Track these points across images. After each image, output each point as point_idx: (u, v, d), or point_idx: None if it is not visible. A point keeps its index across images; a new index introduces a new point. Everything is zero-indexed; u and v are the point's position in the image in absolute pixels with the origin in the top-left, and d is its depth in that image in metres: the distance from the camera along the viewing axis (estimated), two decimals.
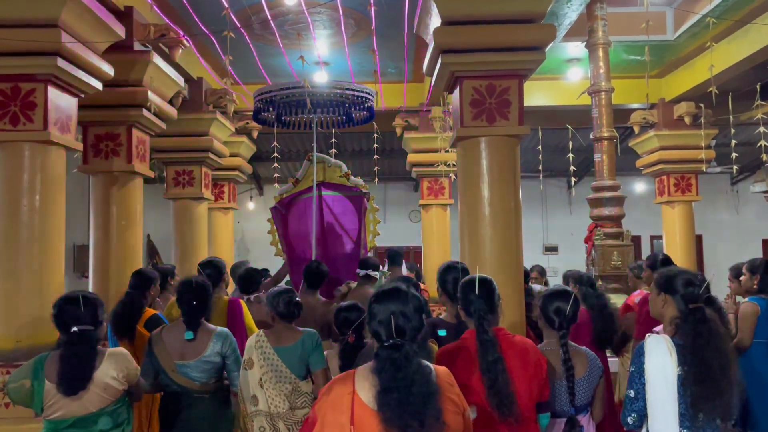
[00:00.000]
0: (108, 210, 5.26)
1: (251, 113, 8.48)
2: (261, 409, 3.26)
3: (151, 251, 12.97)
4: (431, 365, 1.97)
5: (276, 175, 8.17)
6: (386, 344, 1.90)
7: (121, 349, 2.88)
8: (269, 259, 6.94)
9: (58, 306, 2.76)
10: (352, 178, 5.79)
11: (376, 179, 8.55)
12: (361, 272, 5.00)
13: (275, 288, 3.50)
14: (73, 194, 5.94)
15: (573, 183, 7.35)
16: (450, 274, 3.31)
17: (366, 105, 5.53)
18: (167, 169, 7.51)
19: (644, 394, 2.44)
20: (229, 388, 3.37)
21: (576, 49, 7.26)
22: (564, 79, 8.05)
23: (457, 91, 4.32)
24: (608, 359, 4.36)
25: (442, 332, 3.16)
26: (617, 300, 5.06)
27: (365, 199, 5.72)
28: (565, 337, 2.72)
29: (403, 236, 12.78)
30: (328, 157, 5.89)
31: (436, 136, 8.37)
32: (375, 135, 8.33)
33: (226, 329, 3.39)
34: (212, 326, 3.35)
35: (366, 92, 5.36)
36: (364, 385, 1.89)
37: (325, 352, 3.40)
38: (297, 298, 3.38)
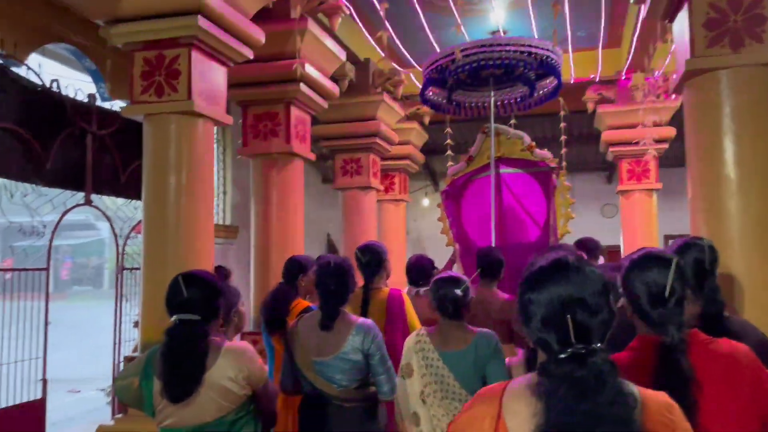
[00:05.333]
0: (268, 195, 4.90)
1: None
2: (423, 431, 2.47)
3: (331, 250, 13.01)
4: (635, 389, 1.20)
5: (449, 163, 7.42)
6: (562, 356, 1.15)
7: (242, 344, 2.26)
8: (447, 257, 6.22)
9: (167, 288, 2.23)
10: (537, 150, 4.82)
11: (564, 167, 7.36)
12: None
13: (441, 274, 2.70)
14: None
15: None
16: (691, 253, 2.22)
17: (549, 63, 4.44)
18: (335, 159, 7.14)
19: None
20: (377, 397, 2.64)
21: None
22: None
23: (683, 13, 3.18)
24: None
25: None
26: None
27: (554, 176, 4.71)
28: None
29: (595, 234, 11.24)
30: (506, 127, 4.97)
31: (637, 109, 7.01)
32: (562, 112, 7.17)
33: (369, 321, 2.67)
34: (353, 317, 2.65)
35: (549, 50, 4.34)
36: (515, 409, 1.20)
37: (506, 360, 2.53)
38: (467, 287, 2.54)
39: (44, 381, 5.58)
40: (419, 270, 4.19)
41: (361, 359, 2.54)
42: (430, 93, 4.91)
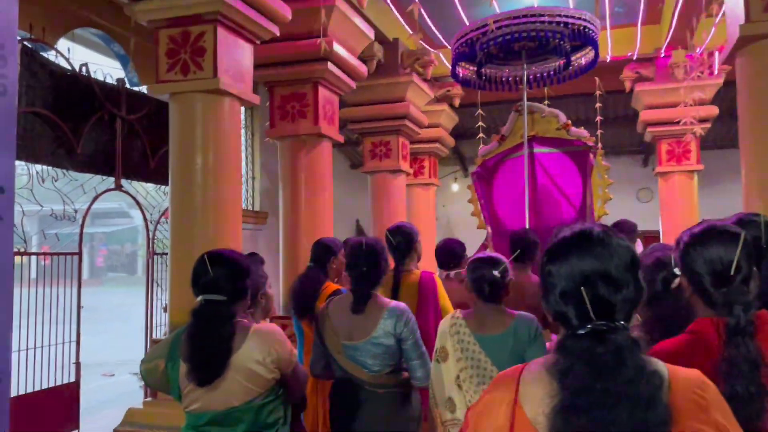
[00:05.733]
0: (296, 177, 4.81)
1: (452, 78, 7.78)
2: (459, 418, 2.36)
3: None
4: (663, 367, 1.08)
5: (480, 146, 7.24)
6: (580, 332, 1.05)
7: (270, 326, 2.17)
8: (479, 243, 6.05)
9: (193, 268, 2.15)
10: (572, 129, 4.63)
11: (600, 147, 7.10)
12: None
13: (478, 254, 2.57)
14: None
15: None
16: (747, 230, 2.04)
17: (586, 34, 4.19)
18: (364, 141, 7.02)
19: None
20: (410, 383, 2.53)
21: None
22: None
23: None
24: None
25: None
26: None
27: (591, 155, 4.52)
28: None
29: (629, 219, 10.96)
30: (541, 105, 4.78)
31: (677, 87, 6.73)
32: (598, 92, 6.92)
33: (402, 304, 2.55)
34: (386, 300, 2.54)
35: (586, 19, 4.11)
36: (530, 393, 1.11)
37: (546, 345, 2.40)
38: (506, 268, 2.41)
39: (78, 364, 5.63)
40: (449, 252, 4.07)
41: (393, 343, 2.44)
42: (460, 69, 4.73)
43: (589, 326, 1.05)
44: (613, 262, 1.07)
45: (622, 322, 1.06)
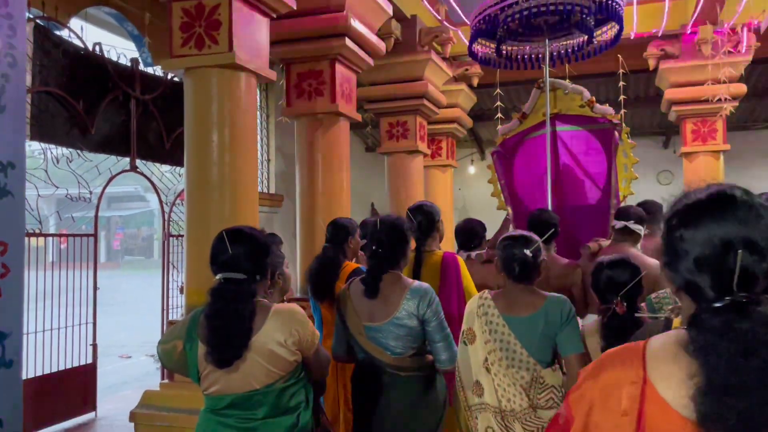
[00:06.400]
0: (313, 157, 4.71)
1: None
2: (487, 402, 2.27)
3: None
4: None
5: (499, 126, 7.07)
6: (718, 304, 0.96)
7: (292, 306, 2.08)
8: (495, 227, 5.91)
9: (211, 245, 2.06)
10: (597, 106, 4.47)
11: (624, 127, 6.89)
12: (618, 224, 3.68)
13: (510, 232, 2.46)
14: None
15: None
16: None
17: (610, 7, 4.00)
18: (381, 122, 6.89)
19: None
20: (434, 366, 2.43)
21: None
22: None
23: None
24: None
25: None
26: None
27: (616, 133, 4.36)
28: None
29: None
30: (564, 82, 4.62)
31: (704, 64, 6.51)
32: (621, 71, 6.70)
33: (426, 284, 2.44)
34: (408, 280, 2.44)
35: None
36: (665, 372, 1.00)
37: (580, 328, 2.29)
38: (539, 248, 2.30)
39: (95, 346, 5.63)
40: (469, 233, 3.95)
41: (416, 325, 2.34)
42: (479, 46, 4.56)
43: (728, 298, 0.96)
44: (759, 228, 0.97)
45: (765, 295, 0.96)
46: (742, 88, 6.79)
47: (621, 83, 6.71)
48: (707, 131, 7.13)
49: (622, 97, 6.81)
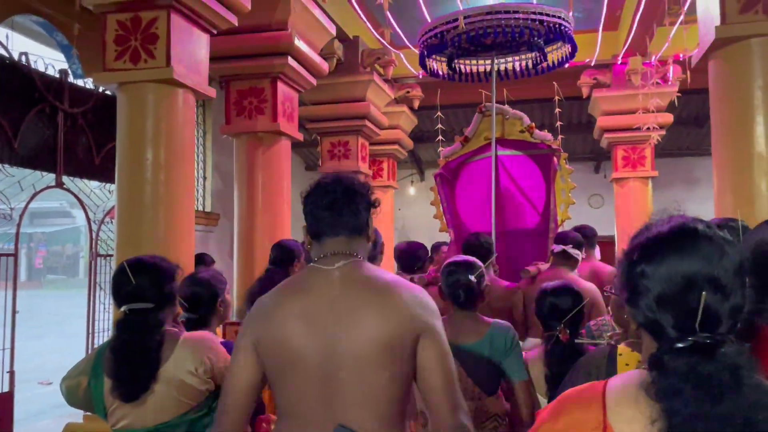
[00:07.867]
0: (253, 176, 4.59)
1: (412, 80, 7.67)
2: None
3: None
4: None
5: (440, 149, 7.13)
6: (680, 345, 0.92)
7: (202, 333, 2.02)
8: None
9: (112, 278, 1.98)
10: (536, 132, 4.57)
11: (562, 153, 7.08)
12: (557, 248, 3.75)
13: (453, 258, 2.43)
14: None
15: None
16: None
17: (561, 31, 4.10)
18: (322, 142, 6.83)
19: None
20: None
21: None
22: None
23: None
24: None
25: None
26: None
27: (555, 158, 4.47)
28: None
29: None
30: (504, 107, 4.71)
31: (635, 94, 6.80)
32: (557, 98, 6.91)
33: None
34: None
35: (561, 17, 4.04)
36: (626, 416, 0.96)
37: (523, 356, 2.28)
38: (483, 273, 2.28)
39: (12, 373, 5.24)
40: (412, 255, 3.95)
41: None
42: (431, 61, 4.60)
43: (691, 339, 0.92)
44: (722, 265, 0.93)
45: (725, 335, 0.92)
46: (669, 118, 7.13)
47: (557, 110, 6.93)
48: (636, 158, 7.45)
49: (558, 123, 7.03)
